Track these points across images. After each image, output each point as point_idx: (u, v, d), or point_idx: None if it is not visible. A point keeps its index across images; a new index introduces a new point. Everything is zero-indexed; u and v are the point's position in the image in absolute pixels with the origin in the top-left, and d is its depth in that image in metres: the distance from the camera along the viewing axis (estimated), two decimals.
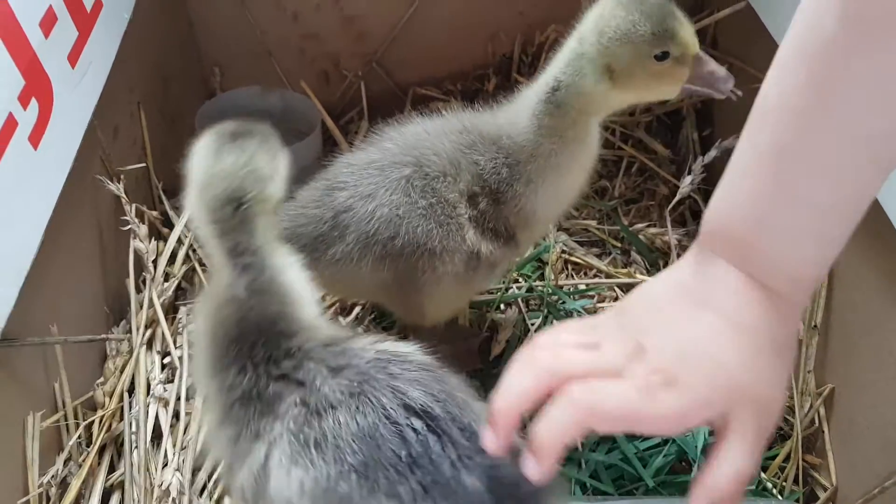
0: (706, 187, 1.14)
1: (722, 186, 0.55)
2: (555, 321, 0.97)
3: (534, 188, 0.75)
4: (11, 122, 0.67)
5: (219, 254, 0.57)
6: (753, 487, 0.82)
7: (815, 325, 0.86)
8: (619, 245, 1.10)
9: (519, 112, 0.75)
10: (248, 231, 0.56)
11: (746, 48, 1.07)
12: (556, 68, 0.72)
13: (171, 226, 1.01)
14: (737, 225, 0.52)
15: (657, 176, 1.18)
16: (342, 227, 0.74)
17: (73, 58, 0.79)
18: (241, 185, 0.55)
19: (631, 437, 0.85)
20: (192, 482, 0.80)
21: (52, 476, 0.76)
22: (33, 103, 0.71)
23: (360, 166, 0.77)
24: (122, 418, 0.84)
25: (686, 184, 0.98)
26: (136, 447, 0.81)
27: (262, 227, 0.57)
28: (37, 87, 0.72)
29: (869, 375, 0.78)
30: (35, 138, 0.72)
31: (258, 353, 0.55)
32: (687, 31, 0.68)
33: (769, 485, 0.83)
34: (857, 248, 0.81)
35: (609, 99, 0.72)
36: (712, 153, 1.00)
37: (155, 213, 0.98)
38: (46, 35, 0.73)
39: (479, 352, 0.94)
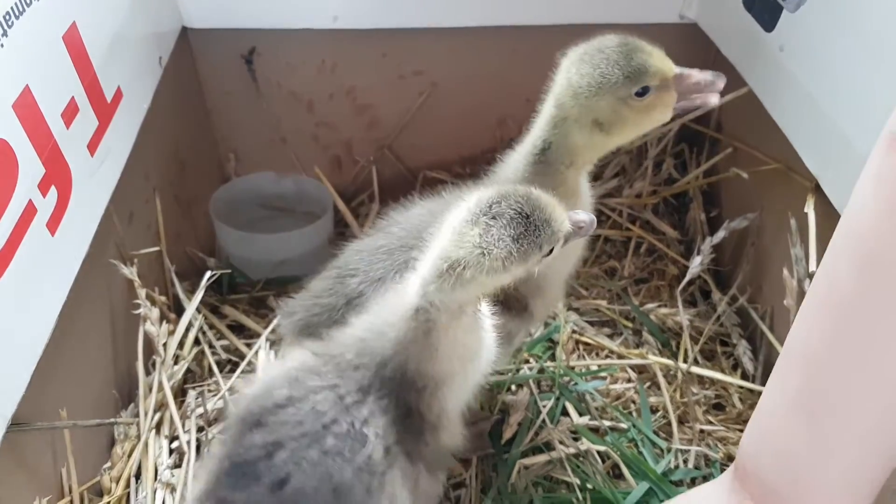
0: (716, 268, 1.15)
1: (754, 426, 0.57)
2: (567, 403, 0.96)
3: None
4: (31, 209, 0.69)
5: None
6: None
7: None
8: (630, 325, 1.09)
9: (508, 178, 0.76)
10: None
11: (750, 132, 1.09)
12: (541, 130, 0.73)
13: (181, 308, 1.02)
14: (769, 474, 0.54)
15: (666, 256, 1.19)
16: (355, 312, 0.74)
17: (93, 146, 0.81)
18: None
19: None
20: None
21: None
22: (52, 191, 0.73)
23: (369, 252, 0.77)
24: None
25: (696, 264, 0.98)
26: None
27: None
28: (57, 175, 0.74)
29: None
30: (53, 225, 0.73)
31: None
32: (657, 59, 0.67)
33: None
34: None
35: (606, 145, 0.72)
36: (720, 234, 1.01)
37: (164, 299, 0.99)
38: (68, 125, 0.76)
39: (490, 435, 0.92)
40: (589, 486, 0.87)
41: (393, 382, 0.61)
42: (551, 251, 0.59)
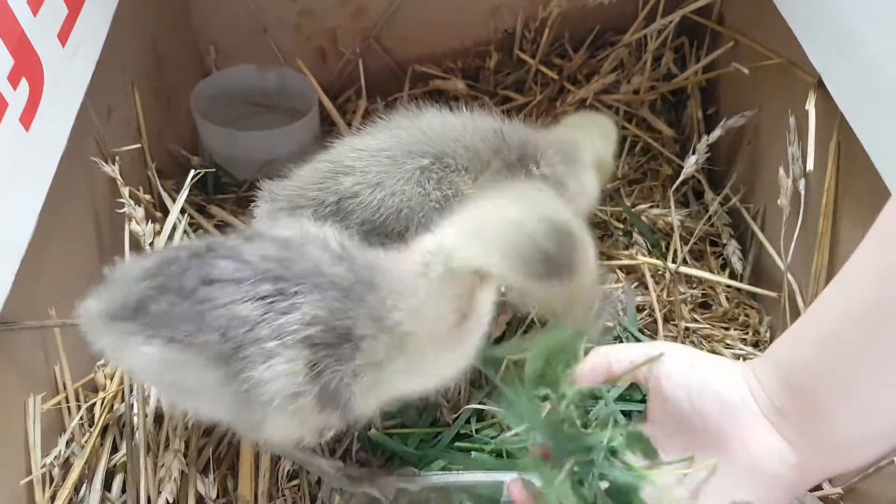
0: (710, 167, 1.13)
1: (805, 336, 0.56)
2: None
3: None
4: (2, 103, 0.66)
5: None
6: None
7: None
8: (621, 226, 1.08)
9: None
10: None
11: (753, 25, 1.05)
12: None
13: (167, 208, 1.00)
14: (819, 391, 0.53)
15: (661, 156, 1.17)
16: (346, 212, 0.73)
17: (64, 36, 0.77)
18: None
19: None
20: (196, 462, 0.80)
21: (55, 457, 0.76)
22: (23, 83, 0.69)
23: (370, 152, 0.75)
24: (123, 400, 0.84)
25: (690, 164, 0.97)
26: (139, 429, 0.81)
27: None
28: (26, 66, 0.70)
29: None
30: (26, 119, 0.70)
31: None
32: None
33: None
34: None
35: None
36: (717, 132, 0.99)
37: (149, 197, 0.97)
38: (35, 12, 0.71)
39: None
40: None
41: None
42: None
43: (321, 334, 0.59)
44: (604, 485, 0.58)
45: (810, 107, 0.87)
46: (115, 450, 0.81)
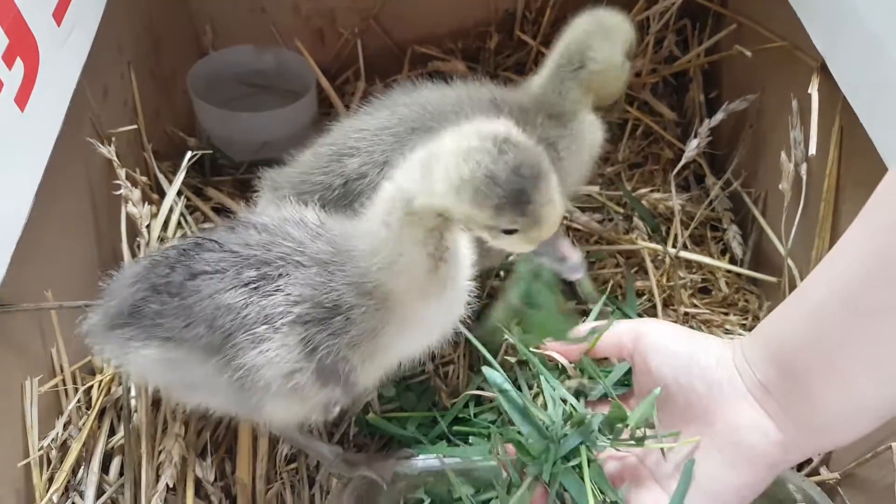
0: (711, 151, 1.12)
1: (793, 311, 0.56)
2: None
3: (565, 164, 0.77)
4: None
5: None
6: None
7: None
8: (621, 211, 1.08)
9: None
10: None
11: (756, 7, 1.04)
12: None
13: (162, 189, 1.00)
14: (805, 366, 0.53)
15: (662, 139, 1.16)
16: (354, 194, 0.72)
17: (59, 15, 0.76)
18: None
19: None
20: (194, 445, 0.80)
21: (52, 440, 0.76)
22: (18, 63, 0.69)
23: (372, 131, 0.74)
24: (120, 383, 0.84)
25: (692, 147, 0.96)
26: (136, 411, 0.81)
27: None
28: (21, 45, 0.69)
29: None
30: (21, 99, 0.69)
31: None
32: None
33: None
34: None
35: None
36: (719, 116, 0.98)
37: (145, 179, 0.96)
38: None
39: (479, 317, 0.93)
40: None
41: None
42: (511, 232, 0.54)
43: (310, 311, 0.59)
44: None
45: (813, 91, 0.86)
46: (112, 433, 0.81)
